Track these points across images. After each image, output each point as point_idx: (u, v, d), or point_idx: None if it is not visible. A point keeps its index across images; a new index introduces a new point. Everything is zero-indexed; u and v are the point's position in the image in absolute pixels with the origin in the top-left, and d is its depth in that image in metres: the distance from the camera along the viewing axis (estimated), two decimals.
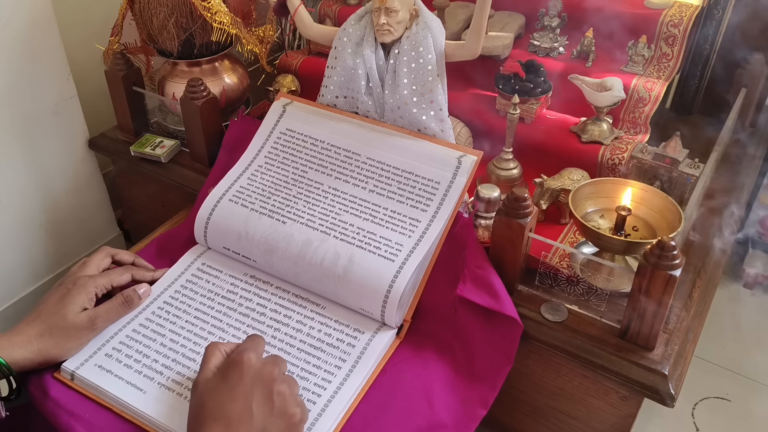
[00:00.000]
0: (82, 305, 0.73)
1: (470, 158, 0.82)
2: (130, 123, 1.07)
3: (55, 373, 0.72)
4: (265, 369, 0.63)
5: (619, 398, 0.76)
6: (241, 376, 0.62)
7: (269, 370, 0.63)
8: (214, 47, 1.03)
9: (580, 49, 1.04)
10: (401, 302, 0.76)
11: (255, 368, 0.63)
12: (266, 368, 0.63)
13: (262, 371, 0.63)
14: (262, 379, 0.62)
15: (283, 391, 0.62)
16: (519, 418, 0.87)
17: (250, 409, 0.60)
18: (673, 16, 1.00)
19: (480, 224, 0.81)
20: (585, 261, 0.80)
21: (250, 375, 0.62)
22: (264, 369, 0.63)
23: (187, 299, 0.81)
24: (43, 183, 1.05)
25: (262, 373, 0.63)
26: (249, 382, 0.62)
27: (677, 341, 0.75)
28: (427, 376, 0.74)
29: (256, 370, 0.63)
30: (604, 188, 0.83)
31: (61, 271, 1.13)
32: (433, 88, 0.83)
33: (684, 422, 1.03)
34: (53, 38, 1.00)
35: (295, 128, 0.90)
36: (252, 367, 0.62)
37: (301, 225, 0.82)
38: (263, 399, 0.61)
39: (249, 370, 0.62)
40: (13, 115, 0.98)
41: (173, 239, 0.91)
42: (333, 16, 1.19)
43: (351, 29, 0.86)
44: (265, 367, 0.63)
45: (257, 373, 0.62)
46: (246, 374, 0.62)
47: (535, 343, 0.77)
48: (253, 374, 0.62)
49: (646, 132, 0.97)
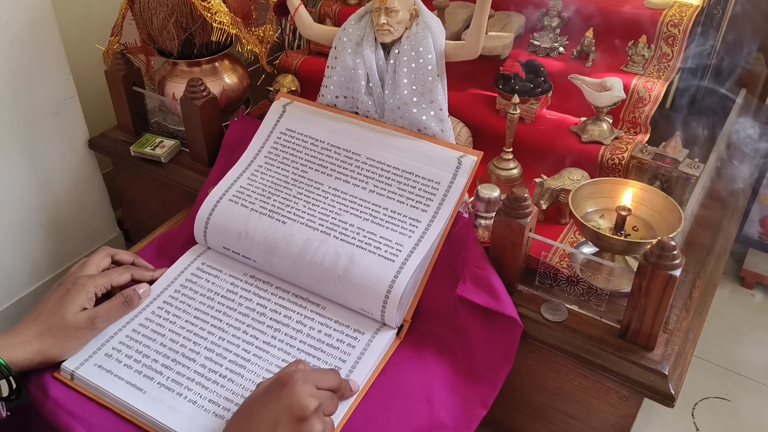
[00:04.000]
0: (81, 305, 0.73)
1: (470, 158, 0.82)
2: (130, 123, 1.07)
3: (55, 373, 0.72)
4: (305, 401, 0.60)
5: (619, 398, 0.76)
6: (279, 396, 0.61)
7: (307, 405, 0.60)
8: (214, 47, 1.03)
9: (580, 49, 1.04)
10: (401, 302, 0.76)
11: (296, 397, 0.60)
12: (306, 401, 0.60)
13: (302, 403, 0.60)
14: (296, 411, 0.60)
15: (313, 430, 0.60)
16: (519, 418, 0.87)
17: None
18: (673, 16, 1.00)
19: (480, 224, 0.81)
20: (585, 261, 0.80)
21: (287, 400, 0.60)
22: (305, 401, 0.60)
23: (187, 299, 0.81)
24: (43, 183, 1.05)
25: (300, 404, 0.60)
26: (282, 406, 0.60)
27: (677, 341, 0.75)
28: (427, 376, 0.74)
29: (297, 399, 0.60)
30: (604, 188, 0.83)
31: (61, 271, 1.13)
32: (433, 88, 0.83)
33: (684, 422, 1.03)
34: (53, 38, 1.00)
35: (295, 128, 0.90)
36: (293, 394, 0.60)
37: (301, 225, 0.82)
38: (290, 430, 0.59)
39: (289, 395, 0.60)
40: (13, 115, 0.98)
41: (173, 239, 0.91)
42: (333, 16, 1.19)
43: (351, 29, 0.86)
44: (307, 399, 0.60)
45: (295, 403, 0.60)
46: (285, 398, 0.60)
47: (535, 343, 0.77)
48: (290, 401, 0.60)
49: (646, 132, 0.97)
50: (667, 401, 0.71)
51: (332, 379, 0.66)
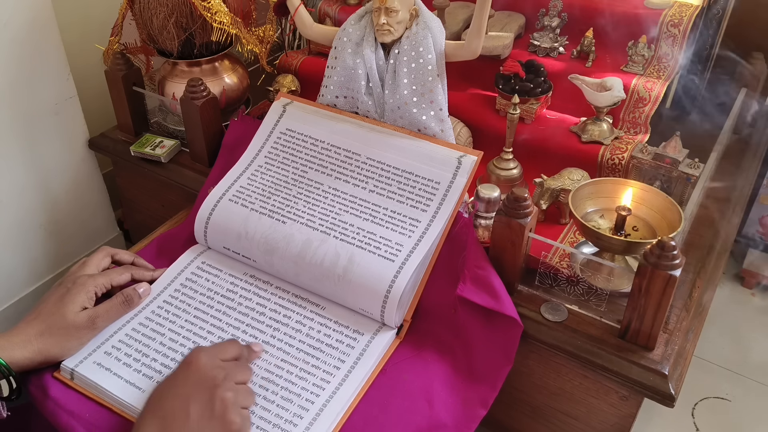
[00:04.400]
0: (81, 304, 0.73)
1: (470, 158, 0.82)
2: (130, 123, 1.07)
3: (55, 373, 0.72)
4: (212, 372, 0.64)
5: (619, 398, 0.76)
6: (186, 376, 0.64)
7: (215, 374, 0.64)
8: (214, 47, 1.03)
9: (580, 49, 1.04)
10: (401, 302, 0.76)
11: (202, 370, 0.64)
12: (214, 372, 0.64)
13: (208, 374, 0.64)
14: (206, 383, 0.63)
15: (227, 398, 0.63)
16: (519, 418, 0.87)
17: (187, 410, 0.61)
18: (673, 16, 1.00)
19: (480, 224, 0.81)
20: (585, 261, 0.80)
21: (195, 376, 0.63)
22: (211, 372, 0.64)
23: (187, 298, 0.81)
24: (43, 183, 1.05)
25: (207, 376, 0.64)
26: (192, 383, 0.63)
27: (677, 341, 0.75)
28: (427, 376, 0.74)
29: (203, 372, 0.64)
30: (604, 188, 0.83)
31: (61, 271, 1.13)
32: (433, 88, 0.83)
33: (684, 422, 1.03)
34: (53, 38, 1.00)
35: (295, 128, 0.90)
36: (199, 369, 0.64)
37: (301, 225, 0.82)
38: (203, 402, 0.62)
39: (196, 371, 0.64)
40: (13, 115, 0.98)
41: (173, 239, 0.91)
42: (333, 16, 1.19)
43: (351, 29, 0.86)
44: (214, 371, 0.64)
45: (202, 376, 0.63)
46: (191, 375, 0.64)
47: (535, 343, 0.77)
48: (198, 376, 0.63)
49: (646, 132, 0.97)
50: (667, 401, 0.71)
51: (233, 348, 0.69)
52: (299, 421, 0.67)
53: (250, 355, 0.72)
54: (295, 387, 0.71)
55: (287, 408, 0.69)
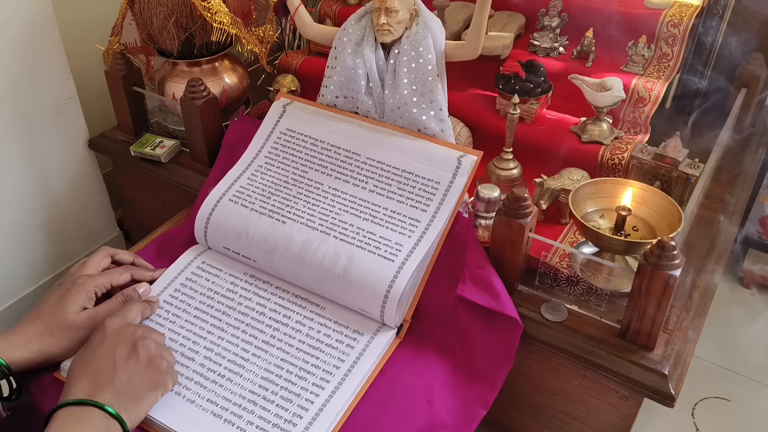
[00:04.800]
0: (81, 304, 0.73)
1: (470, 158, 0.82)
2: (130, 123, 1.07)
3: (55, 373, 0.72)
4: (127, 329, 0.68)
5: (619, 398, 0.76)
6: (103, 338, 0.66)
7: (132, 330, 0.68)
8: (214, 47, 1.03)
9: (580, 49, 1.05)
10: (401, 302, 0.76)
11: (116, 329, 0.68)
12: (129, 328, 0.68)
13: (124, 330, 0.68)
14: (125, 336, 0.67)
15: (149, 345, 0.67)
16: (519, 418, 0.87)
17: (114, 363, 0.64)
18: (673, 16, 1.00)
19: (480, 224, 0.81)
20: (585, 261, 0.80)
21: (112, 336, 0.67)
22: (127, 329, 0.68)
23: (187, 298, 0.81)
24: (43, 183, 1.05)
25: (123, 332, 0.67)
26: (111, 341, 0.66)
27: (677, 341, 0.75)
28: (427, 376, 0.74)
29: (117, 330, 0.68)
30: (604, 188, 0.83)
31: (61, 271, 1.13)
32: (433, 88, 0.83)
33: (684, 422, 1.03)
34: (53, 38, 1.00)
35: (295, 128, 0.90)
36: (113, 329, 0.68)
37: (300, 225, 0.82)
38: (127, 352, 0.65)
39: (111, 331, 0.67)
40: (13, 115, 0.98)
41: (173, 239, 0.91)
42: (333, 16, 1.19)
43: (351, 29, 0.86)
44: (129, 327, 0.68)
45: (118, 333, 0.67)
46: (108, 336, 0.67)
47: (535, 343, 0.77)
48: (115, 334, 0.67)
49: (646, 132, 0.97)
50: (667, 401, 0.71)
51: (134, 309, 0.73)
52: (299, 421, 0.67)
53: (153, 308, 0.78)
54: (295, 387, 0.71)
55: (287, 408, 0.69)
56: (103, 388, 0.62)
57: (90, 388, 0.62)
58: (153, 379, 0.65)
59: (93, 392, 0.62)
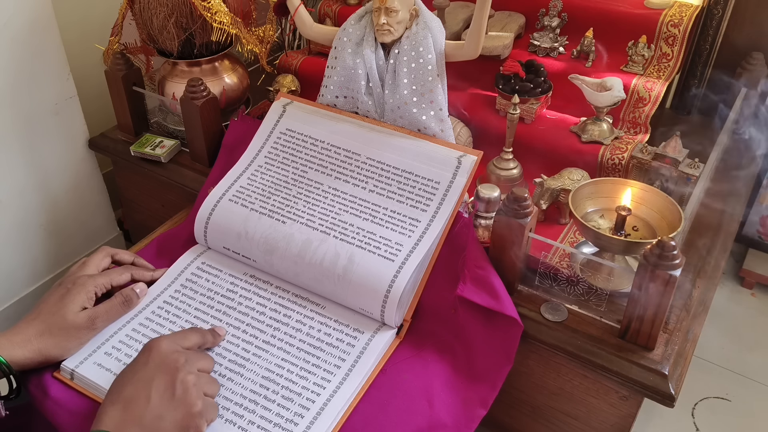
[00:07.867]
0: (81, 304, 0.73)
1: (470, 158, 0.82)
2: (130, 123, 1.07)
3: (55, 373, 0.72)
4: (172, 356, 0.65)
5: (619, 398, 0.76)
6: (146, 361, 0.64)
7: (176, 359, 0.64)
8: (214, 47, 1.03)
9: (580, 49, 1.05)
10: (401, 302, 0.76)
11: (162, 355, 0.64)
12: (174, 356, 0.65)
13: (169, 358, 0.64)
14: (167, 367, 0.64)
15: (188, 381, 0.63)
16: (519, 418, 0.87)
17: (149, 394, 0.62)
18: (673, 16, 1.00)
19: (480, 224, 0.81)
20: (585, 261, 0.80)
21: (156, 361, 0.64)
22: (171, 356, 0.64)
23: (187, 298, 0.81)
24: (43, 183, 1.05)
25: (168, 360, 0.64)
26: (153, 367, 0.64)
27: (677, 341, 0.75)
28: (427, 376, 0.74)
29: (163, 356, 0.64)
30: (604, 188, 0.83)
31: (61, 271, 1.13)
32: (433, 88, 0.83)
33: (684, 422, 1.03)
34: (53, 38, 1.00)
35: (295, 128, 0.90)
36: (159, 354, 0.65)
37: (300, 225, 0.82)
38: (164, 385, 0.62)
39: (156, 356, 0.64)
40: (13, 115, 0.98)
41: (173, 239, 0.91)
42: (333, 16, 1.19)
43: (351, 29, 0.86)
44: (174, 355, 0.65)
45: (163, 360, 0.64)
46: (152, 360, 0.64)
47: (535, 343, 0.77)
48: (159, 360, 0.64)
49: (646, 132, 0.97)
50: (667, 401, 0.71)
51: (193, 336, 0.70)
52: (300, 420, 0.67)
53: (215, 339, 0.74)
54: (296, 386, 0.71)
55: (288, 407, 0.69)
56: (129, 425, 0.60)
57: (119, 421, 0.60)
58: (183, 421, 0.62)
59: (120, 427, 0.60)
